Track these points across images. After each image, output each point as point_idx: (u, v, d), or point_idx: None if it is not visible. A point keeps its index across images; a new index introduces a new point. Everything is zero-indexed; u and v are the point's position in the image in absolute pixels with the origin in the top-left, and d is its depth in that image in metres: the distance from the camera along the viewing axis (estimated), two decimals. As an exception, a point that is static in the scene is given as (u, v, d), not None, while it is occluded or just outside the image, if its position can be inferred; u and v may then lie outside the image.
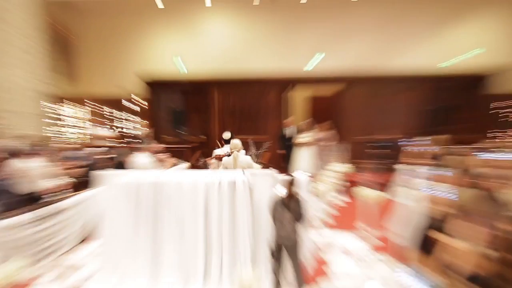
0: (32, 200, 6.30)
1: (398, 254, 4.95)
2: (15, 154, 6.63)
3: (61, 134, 11.77)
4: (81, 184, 7.59)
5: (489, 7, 12.55)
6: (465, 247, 3.17)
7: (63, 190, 7.13)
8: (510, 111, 12.19)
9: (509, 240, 2.89)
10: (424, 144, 8.80)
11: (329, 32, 12.96)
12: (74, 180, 7.65)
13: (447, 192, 4.35)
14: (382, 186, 7.97)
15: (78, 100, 13.01)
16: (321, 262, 5.71)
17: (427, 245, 3.63)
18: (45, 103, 10.75)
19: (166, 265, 5.13)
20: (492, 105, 12.27)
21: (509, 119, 12.12)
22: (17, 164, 6.41)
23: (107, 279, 5.17)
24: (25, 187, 6.36)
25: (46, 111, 10.85)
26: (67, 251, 6.45)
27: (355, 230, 7.04)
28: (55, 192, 6.90)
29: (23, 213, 5.83)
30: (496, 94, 12.27)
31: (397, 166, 7.28)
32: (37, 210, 6.06)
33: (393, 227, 6.38)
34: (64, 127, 12.26)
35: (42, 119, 10.64)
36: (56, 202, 6.55)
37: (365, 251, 6.13)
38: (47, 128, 10.89)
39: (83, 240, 6.82)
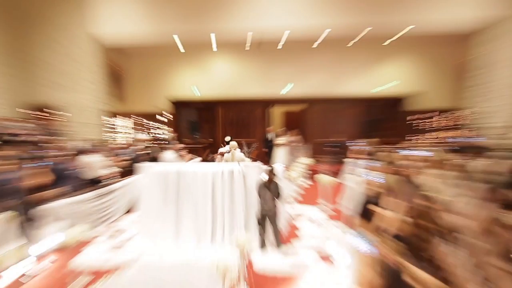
0: (93, 183, 6.29)
1: (347, 221, 4.86)
2: (82, 151, 6.72)
3: (113, 138, 11.60)
4: (127, 172, 7.47)
5: (403, 53, 12.59)
6: (391, 215, 3.12)
7: (114, 176, 7.03)
8: (419, 122, 12.25)
9: (420, 210, 2.86)
10: (362, 145, 8.78)
11: (297, 68, 12.90)
12: (121, 169, 7.52)
13: (378, 177, 4.30)
14: (335, 174, 7.93)
15: (126, 115, 12.83)
16: (294, 227, 5.64)
17: (366, 215, 3.55)
18: (103, 117, 10.75)
19: (185, 229, 5.04)
20: (407, 118, 12.30)
21: (419, 128, 12.18)
22: (83, 158, 6.44)
23: (143, 239, 5.10)
24: (88, 174, 6.34)
25: (104, 122, 10.82)
26: (116, 219, 6.37)
27: (317, 204, 6.95)
28: (109, 178, 6.82)
29: (87, 192, 5.81)
30: (410, 110, 12.32)
31: (345, 160, 7.26)
32: (96, 190, 6.03)
33: (343, 202, 6.33)
34: (116, 133, 12.08)
35: (101, 128, 10.68)
36: (109, 185, 6.53)
37: (324, 220, 6.05)
38: (104, 134, 10.84)
39: (127, 212, 6.71)
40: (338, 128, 12.16)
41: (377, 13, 9.35)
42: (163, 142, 11.49)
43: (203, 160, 9.24)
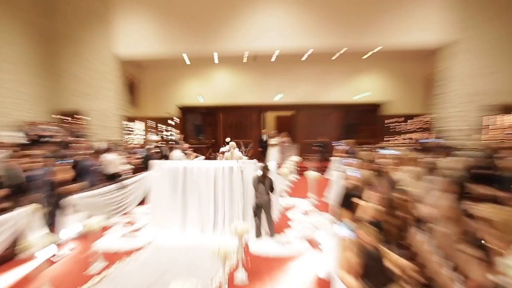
0: (112, 178, 6.24)
1: (332, 212, 4.79)
2: (103, 150, 6.79)
3: (130, 139, 11.50)
4: (141, 168, 7.42)
5: (379, 66, 12.47)
6: (367, 205, 3.10)
7: (130, 172, 6.98)
8: (395, 125, 12.21)
9: (396, 202, 2.85)
10: (342, 144, 8.78)
11: (287, 79, 12.83)
12: (136, 166, 7.52)
13: (357, 172, 4.28)
14: (320, 170, 7.90)
15: (140, 119, 12.71)
16: (285, 218, 5.58)
17: (349, 205, 3.52)
18: (121, 121, 10.74)
19: (190, 219, 4.99)
20: (384, 121, 12.25)
21: (395, 130, 12.11)
22: (105, 156, 6.46)
23: (153, 228, 5.04)
24: (109, 170, 6.33)
25: (122, 126, 10.79)
26: (131, 209, 6.31)
27: (306, 197, 6.85)
28: (126, 173, 6.76)
29: (106, 186, 5.78)
30: (386, 115, 12.27)
31: (329, 158, 7.26)
32: (114, 184, 6.00)
33: (328, 195, 6.29)
34: (132, 135, 11.96)
35: (120, 130, 10.69)
36: (125, 179, 6.49)
37: (313, 211, 5.98)
38: (122, 135, 10.82)
39: (141, 203, 6.61)
40: (323, 130, 12.07)
41: (350, 38, 9.83)
42: (172, 142, 11.38)
43: (206, 158, 9.15)
